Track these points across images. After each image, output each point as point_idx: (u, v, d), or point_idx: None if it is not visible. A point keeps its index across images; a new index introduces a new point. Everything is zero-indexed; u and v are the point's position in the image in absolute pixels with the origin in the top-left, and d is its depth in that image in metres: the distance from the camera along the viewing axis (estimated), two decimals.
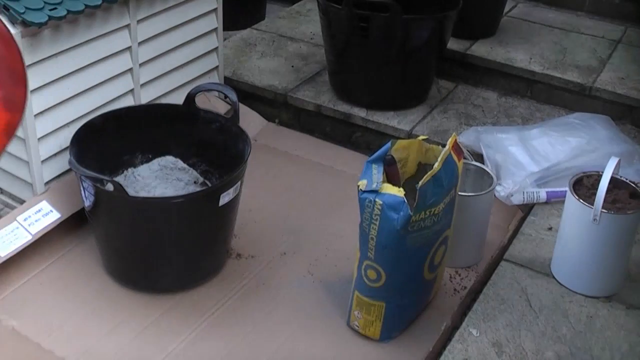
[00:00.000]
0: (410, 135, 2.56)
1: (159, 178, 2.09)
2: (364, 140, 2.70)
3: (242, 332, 1.86)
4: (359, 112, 2.67)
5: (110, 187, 1.75)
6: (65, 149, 2.09)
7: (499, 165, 2.29)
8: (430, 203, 1.64)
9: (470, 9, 2.75)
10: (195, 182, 2.11)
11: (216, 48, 2.65)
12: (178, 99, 2.35)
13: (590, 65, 2.88)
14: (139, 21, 2.24)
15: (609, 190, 1.74)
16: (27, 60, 1.91)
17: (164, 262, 1.91)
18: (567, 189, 1.83)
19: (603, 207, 1.71)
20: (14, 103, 0.91)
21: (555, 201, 2.21)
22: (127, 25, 2.20)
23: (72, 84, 2.08)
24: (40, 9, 1.86)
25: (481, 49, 2.97)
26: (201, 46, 2.57)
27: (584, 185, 1.85)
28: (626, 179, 1.83)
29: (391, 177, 1.71)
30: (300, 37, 3.23)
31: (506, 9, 3.24)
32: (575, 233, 1.81)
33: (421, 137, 1.82)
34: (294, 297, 1.98)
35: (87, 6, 1.97)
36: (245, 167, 1.92)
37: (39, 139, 2.03)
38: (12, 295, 1.94)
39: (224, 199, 1.84)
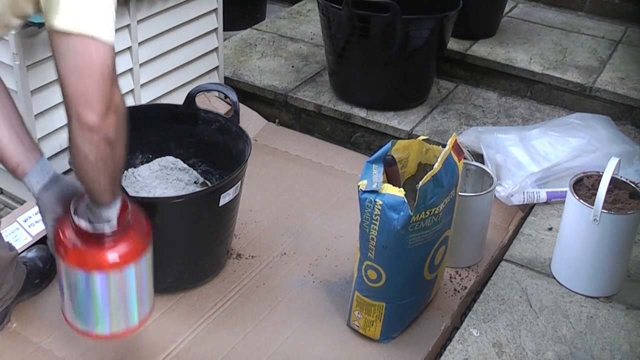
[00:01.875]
0: (410, 135, 2.56)
1: (159, 178, 2.09)
2: (364, 141, 2.70)
3: (242, 332, 1.86)
4: (359, 113, 2.67)
5: None
6: (66, 149, 2.09)
7: (499, 165, 2.29)
8: (431, 203, 1.64)
9: (470, 9, 2.76)
10: (195, 182, 2.10)
11: (216, 48, 2.65)
12: (178, 99, 2.36)
13: (591, 66, 2.88)
14: (139, 21, 2.24)
15: (609, 191, 1.74)
16: (27, 61, 1.92)
17: (164, 263, 1.90)
18: (567, 189, 1.83)
19: (603, 207, 1.71)
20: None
21: (555, 201, 2.21)
22: (127, 26, 2.20)
23: None
24: None
25: (481, 49, 2.97)
26: (201, 46, 2.57)
27: (584, 186, 1.85)
28: (626, 179, 1.84)
29: (391, 177, 1.71)
30: (301, 37, 3.23)
31: (506, 9, 3.24)
32: (576, 233, 1.81)
33: (421, 138, 1.82)
34: (294, 297, 1.98)
35: None
36: (246, 167, 1.92)
37: (39, 139, 2.03)
38: None
39: (224, 199, 1.84)
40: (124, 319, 1.57)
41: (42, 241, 2.04)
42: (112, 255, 1.47)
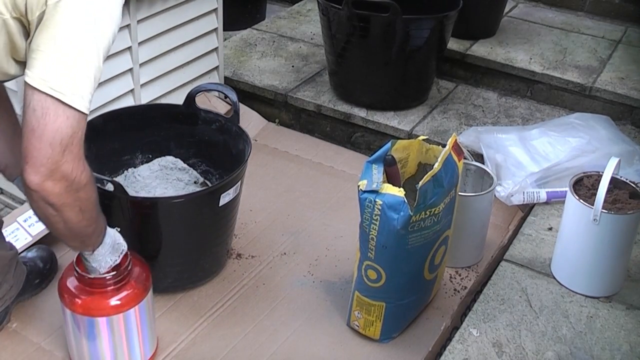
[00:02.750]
0: (410, 135, 2.56)
1: (159, 178, 2.09)
2: (364, 141, 2.70)
3: (242, 332, 1.86)
4: (359, 112, 2.67)
5: (110, 187, 1.75)
6: None
7: (499, 165, 2.29)
8: (431, 203, 1.64)
9: (470, 9, 2.76)
10: (195, 182, 2.10)
11: (216, 48, 2.65)
12: (178, 99, 2.36)
13: (590, 66, 2.88)
14: (139, 21, 2.24)
15: (609, 191, 1.74)
16: None
17: (164, 262, 1.91)
18: (567, 189, 1.83)
19: (603, 207, 1.71)
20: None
21: (555, 201, 2.21)
22: (127, 26, 2.20)
23: None
24: None
25: (481, 49, 2.97)
26: (201, 46, 2.57)
27: (584, 186, 1.85)
28: (626, 179, 1.83)
29: (391, 177, 1.71)
30: (301, 37, 3.23)
31: (506, 9, 3.24)
32: (576, 233, 1.81)
33: (421, 137, 1.82)
34: (294, 297, 1.98)
35: None
36: (246, 167, 1.92)
37: None
38: None
39: (224, 199, 1.84)
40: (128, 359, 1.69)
41: (41, 241, 2.04)
42: (115, 301, 1.59)
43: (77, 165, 1.27)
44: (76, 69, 1.23)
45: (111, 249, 1.54)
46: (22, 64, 1.32)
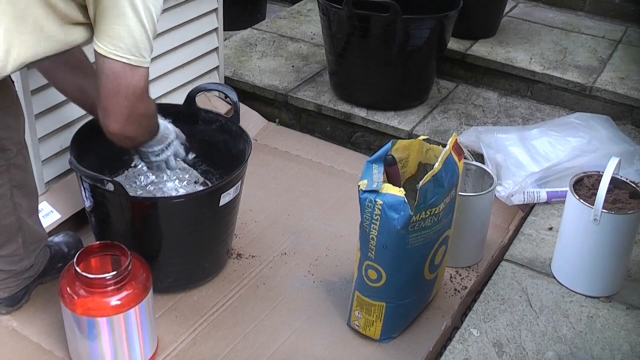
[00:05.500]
0: (410, 135, 2.56)
1: (159, 178, 2.09)
2: (364, 140, 2.70)
3: (243, 332, 1.86)
4: (360, 112, 2.67)
5: (110, 187, 1.75)
6: (66, 149, 2.09)
7: (499, 165, 2.29)
8: (431, 203, 1.64)
9: (470, 9, 2.76)
10: (195, 182, 2.10)
11: (216, 48, 2.65)
12: (178, 99, 2.35)
13: (591, 65, 2.88)
14: None
15: (609, 190, 1.74)
16: None
17: (165, 262, 1.91)
18: (567, 189, 1.83)
19: (603, 207, 1.71)
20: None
21: (555, 201, 2.21)
22: None
23: None
24: None
25: (481, 49, 2.97)
26: (201, 46, 2.57)
27: (584, 185, 1.85)
28: (626, 179, 1.83)
29: (392, 177, 1.71)
30: (301, 37, 3.23)
31: (506, 9, 3.24)
32: (576, 233, 1.81)
33: (421, 137, 1.82)
34: (294, 297, 1.98)
35: None
36: (246, 167, 1.92)
37: (39, 139, 2.03)
38: None
39: (225, 198, 1.84)
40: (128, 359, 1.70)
41: (69, 227, 2.09)
42: (115, 301, 1.59)
43: (147, 104, 1.55)
44: (137, 35, 1.42)
45: (158, 141, 1.76)
46: (77, 28, 1.45)
